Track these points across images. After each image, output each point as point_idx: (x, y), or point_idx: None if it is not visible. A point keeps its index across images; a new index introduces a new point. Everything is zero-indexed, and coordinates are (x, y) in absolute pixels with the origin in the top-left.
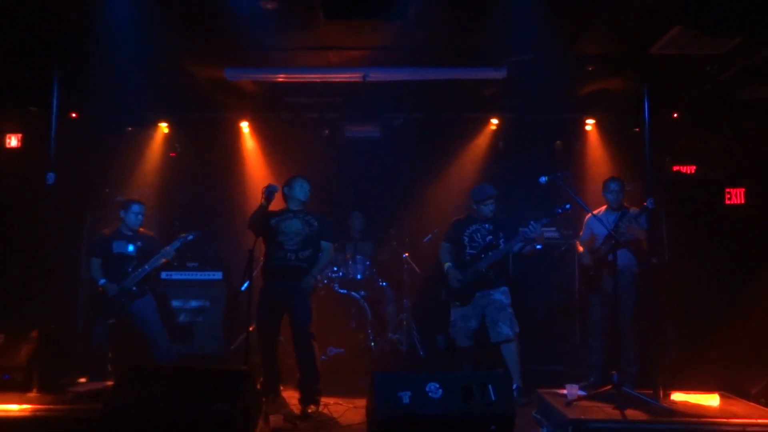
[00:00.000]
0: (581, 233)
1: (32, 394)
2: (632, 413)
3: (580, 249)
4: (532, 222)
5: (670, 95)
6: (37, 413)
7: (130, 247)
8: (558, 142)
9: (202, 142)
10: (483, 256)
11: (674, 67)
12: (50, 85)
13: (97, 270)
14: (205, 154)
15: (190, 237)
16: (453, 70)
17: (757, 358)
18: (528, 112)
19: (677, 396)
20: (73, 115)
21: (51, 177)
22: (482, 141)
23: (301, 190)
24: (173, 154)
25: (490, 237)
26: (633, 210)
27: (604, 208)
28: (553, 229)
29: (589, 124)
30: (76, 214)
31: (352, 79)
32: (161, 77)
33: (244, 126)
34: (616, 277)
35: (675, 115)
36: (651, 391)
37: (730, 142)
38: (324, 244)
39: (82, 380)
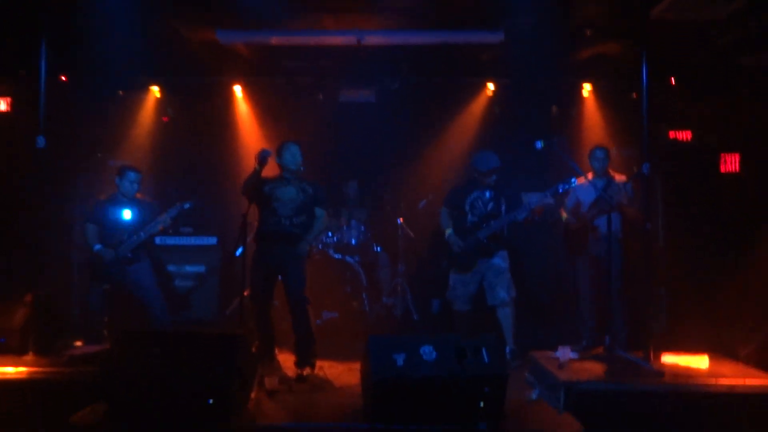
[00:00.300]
0: (566, 200)
1: (28, 357)
2: (623, 375)
3: (564, 215)
4: (532, 196)
5: (668, 61)
6: (34, 376)
7: (127, 214)
8: (554, 107)
9: (194, 106)
10: (484, 225)
11: (673, 33)
12: (38, 47)
13: (92, 235)
14: (198, 118)
15: (187, 205)
16: (449, 34)
17: (746, 321)
18: (524, 77)
19: (668, 358)
20: (63, 78)
21: (41, 141)
22: (478, 106)
23: (292, 157)
24: (166, 119)
25: (492, 204)
26: (618, 178)
27: (590, 175)
28: (548, 194)
29: (586, 89)
30: (69, 179)
31: (347, 43)
32: (152, 39)
33: (238, 90)
34: (610, 242)
35: (672, 81)
36: (642, 354)
37: (726, 109)
38: (318, 211)
39: (78, 344)
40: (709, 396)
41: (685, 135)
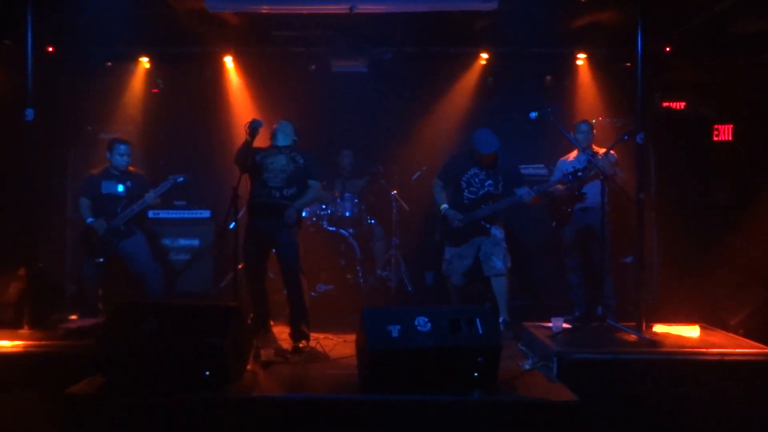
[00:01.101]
0: (552, 177)
1: (23, 331)
2: (615, 345)
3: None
4: (533, 188)
5: (663, 28)
6: (29, 349)
7: (120, 187)
8: (548, 77)
9: (185, 77)
10: (483, 206)
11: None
12: (24, 16)
13: (85, 210)
14: (189, 89)
15: (180, 179)
16: (442, 2)
17: (736, 291)
18: (518, 46)
19: (659, 328)
20: (50, 49)
21: (30, 113)
22: (472, 76)
23: (284, 136)
24: (156, 90)
25: (490, 181)
26: (601, 153)
27: (575, 151)
28: (542, 165)
29: (581, 58)
30: (59, 152)
31: (339, 11)
32: (140, 9)
33: (228, 61)
34: (603, 210)
35: (667, 49)
36: (634, 324)
37: (721, 78)
38: (311, 182)
39: (73, 317)
40: (699, 365)
41: (679, 105)
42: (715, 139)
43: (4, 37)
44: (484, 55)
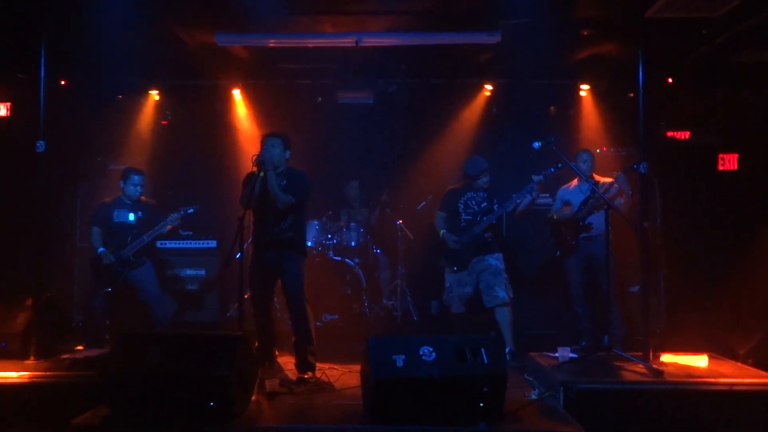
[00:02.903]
0: (553, 206)
1: (29, 362)
2: (622, 374)
3: (553, 216)
4: (523, 192)
5: (665, 60)
6: (35, 380)
7: (131, 216)
8: (552, 107)
9: (193, 109)
10: (479, 219)
11: (670, 31)
12: (38, 51)
13: (96, 238)
14: (197, 121)
15: (191, 210)
16: (447, 35)
17: (745, 320)
18: (522, 77)
19: (667, 357)
20: (62, 82)
21: (41, 145)
22: (476, 107)
23: (268, 154)
24: (165, 122)
25: (485, 203)
26: (603, 181)
27: (576, 180)
28: (547, 194)
29: (584, 89)
30: (69, 182)
31: (345, 44)
32: (151, 43)
33: (236, 93)
34: (607, 239)
35: (670, 80)
36: (641, 353)
37: (724, 108)
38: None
39: (79, 348)
40: (708, 395)
41: (683, 134)
42: (720, 168)
43: (19, 70)
44: (488, 87)
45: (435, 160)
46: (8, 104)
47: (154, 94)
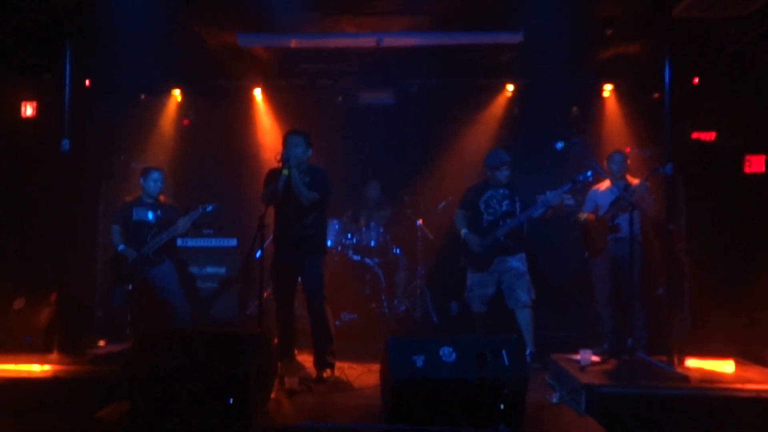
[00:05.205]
0: (583, 207)
1: (53, 356)
2: (646, 379)
3: (582, 216)
4: (548, 191)
5: (691, 60)
6: (58, 374)
7: (150, 215)
8: (575, 108)
9: (215, 109)
10: (501, 223)
11: (697, 31)
12: (63, 51)
13: (117, 236)
14: (218, 121)
15: (210, 208)
16: (469, 35)
17: None
18: (544, 77)
19: (691, 362)
20: (87, 82)
21: (66, 144)
22: (498, 107)
23: (292, 151)
24: (187, 122)
25: (507, 202)
26: (635, 183)
27: (607, 182)
28: (570, 196)
29: (607, 89)
30: (92, 181)
31: (366, 45)
32: (174, 43)
33: (257, 93)
34: (632, 242)
35: (696, 80)
36: (665, 358)
37: (751, 108)
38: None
39: (101, 343)
40: (734, 401)
41: (708, 135)
42: (747, 170)
43: (45, 71)
44: (510, 87)
45: (456, 160)
46: (34, 104)
47: (177, 95)
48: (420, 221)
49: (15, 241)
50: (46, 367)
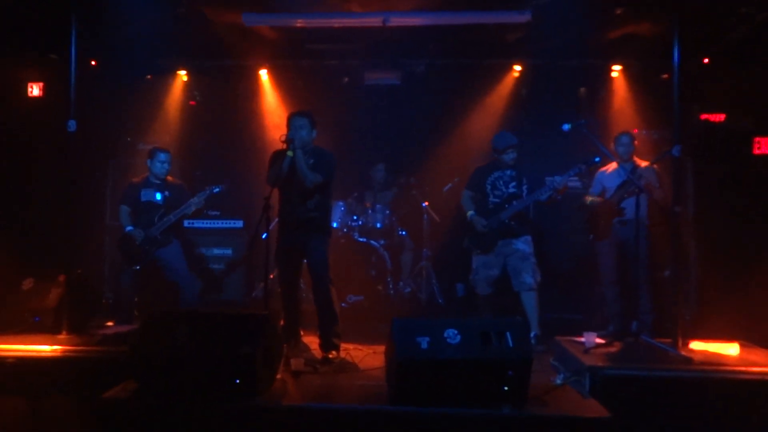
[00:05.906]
0: (591, 189)
1: (62, 336)
2: (650, 361)
3: (588, 198)
4: (556, 177)
5: (701, 40)
6: (67, 354)
7: (158, 196)
8: (582, 89)
9: (221, 90)
10: (507, 206)
11: (707, 10)
12: (69, 31)
13: (125, 217)
14: (224, 102)
15: (217, 189)
16: (476, 14)
17: None
18: (552, 58)
19: (696, 345)
20: (93, 62)
21: (72, 125)
22: (505, 88)
23: (297, 133)
24: (193, 103)
25: (513, 184)
26: (643, 164)
27: (615, 164)
28: (576, 178)
29: (615, 70)
30: (99, 162)
31: (373, 24)
32: (179, 24)
33: (263, 74)
34: (638, 225)
35: (705, 61)
36: (670, 340)
37: (761, 90)
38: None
39: (109, 324)
40: (738, 384)
41: (717, 117)
42: (756, 152)
43: (50, 51)
44: (518, 67)
45: (462, 141)
46: (41, 84)
47: (183, 75)
48: (426, 203)
49: (23, 222)
50: (56, 348)
